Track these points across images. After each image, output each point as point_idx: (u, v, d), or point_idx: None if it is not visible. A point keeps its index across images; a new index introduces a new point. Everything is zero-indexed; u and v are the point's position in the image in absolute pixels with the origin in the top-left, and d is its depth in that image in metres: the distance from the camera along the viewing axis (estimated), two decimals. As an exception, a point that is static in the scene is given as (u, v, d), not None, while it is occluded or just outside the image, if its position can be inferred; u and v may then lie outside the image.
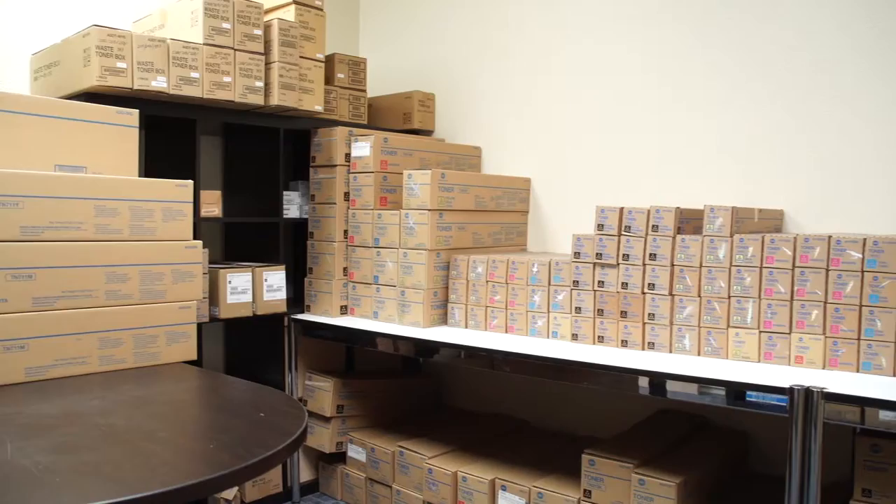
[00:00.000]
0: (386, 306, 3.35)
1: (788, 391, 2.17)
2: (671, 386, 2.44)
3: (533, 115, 3.75)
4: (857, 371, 2.41)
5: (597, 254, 2.84)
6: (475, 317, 3.20)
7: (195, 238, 2.77)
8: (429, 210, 3.19)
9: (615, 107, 3.47)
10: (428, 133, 4.09)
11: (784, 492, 2.19)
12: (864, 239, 2.39)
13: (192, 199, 2.74)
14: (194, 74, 2.95)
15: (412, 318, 3.24)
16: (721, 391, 2.34)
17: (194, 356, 2.76)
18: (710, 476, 2.84)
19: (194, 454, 1.81)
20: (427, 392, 4.08)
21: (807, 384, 2.17)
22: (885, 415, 2.07)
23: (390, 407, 3.83)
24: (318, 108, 3.43)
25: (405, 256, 3.26)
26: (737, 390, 2.30)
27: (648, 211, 2.74)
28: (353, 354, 3.95)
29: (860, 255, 2.39)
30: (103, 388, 2.30)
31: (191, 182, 2.73)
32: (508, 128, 3.85)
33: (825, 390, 2.13)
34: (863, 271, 2.39)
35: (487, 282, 3.17)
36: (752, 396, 2.26)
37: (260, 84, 3.15)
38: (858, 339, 2.41)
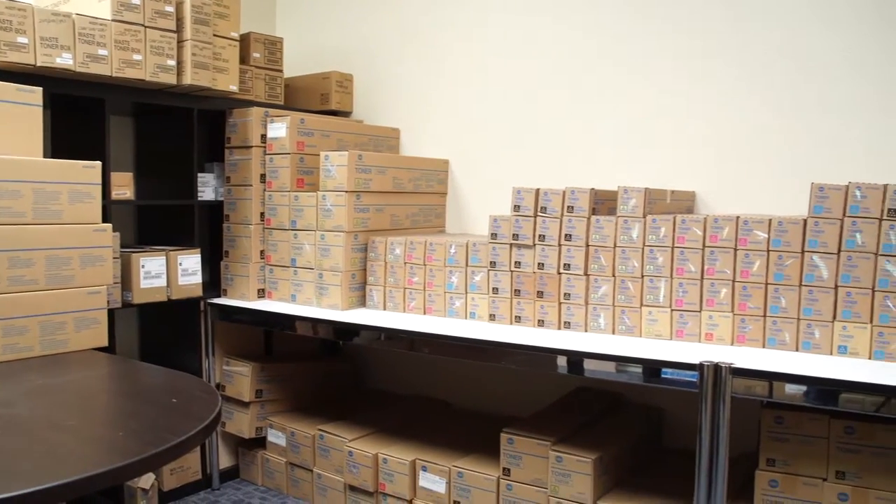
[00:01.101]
0: (304, 289, 3.32)
1: (698, 367, 2.24)
2: (589, 364, 2.49)
3: (452, 96, 3.75)
4: (764, 347, 2.50)
5: (513, 234, 2.86)
6: (393, 298, 3.19)
7: (105, 221, 2.70)
8: (346, 192, 3.16)
9: (533, 89, 3.49)
10: (346, 114, 4.05)
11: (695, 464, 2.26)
12: (770, 219, 2.47)
13: (100, 181, 2.66)
14: (102, 52, 2.85)
15: (330, 301, 3.22)
16: (638, 369, 2.39)
17: (105, 342, 2.69)
18: (625, 451, 2.91)
19: (101, 443, 1.76)
20: (347, 375, 4.07)
21: (715, 360, 2.23)
22: (788, 388, 2.15)
23: (310, 390, 3.80)
24: (233, 87, 3.36)
25: (322, 239, 3.23)
26: (652, 367, 2.36)
27: (564, 192, 2.77)
28: (271, 338, 3.90)
29: (766, 235, 2.47)
30: (5, 377, 2.22)
31: (99, 163, 2.65)
32: (427, 109, 3.84)
33: (733, 366, 2.20)
34: (768, 250, 2.47)
35: (405, 263, 3.16)
36: (668, 373, 2.32)
37: (172, 63, 3.07)
38: (764, 315, 2.49)
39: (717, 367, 2.21)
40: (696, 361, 2.26)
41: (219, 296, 3.53)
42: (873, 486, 2.25)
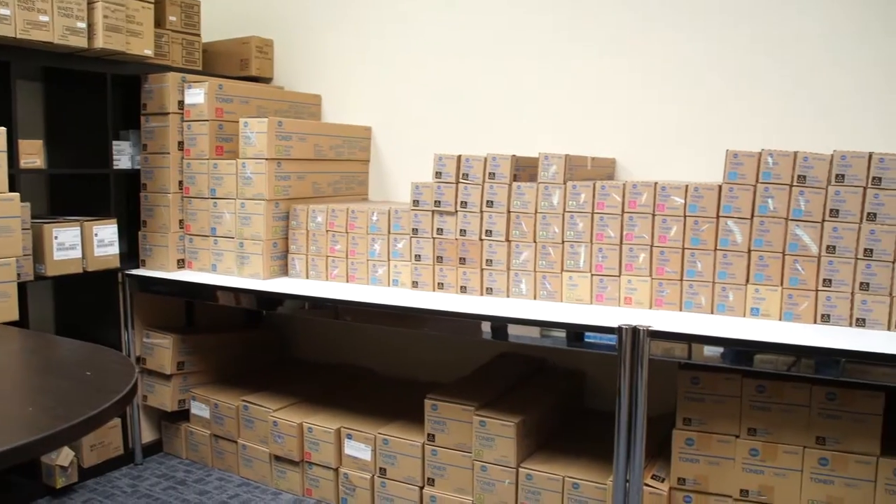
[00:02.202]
0: (224, 259, 3.26)
1: (617, 331, 2.28)
2: (513, 330, 2.51)
3: (374, 63, 3.71)
4: (681, 310, 2.56)
5: (435, 201, 2.86)
6: (316, 267, 3.17)
7: (12, 190, 2.60)
8: (266, 159, 3.10)
9: (455, 56, 3.48)
10: (266, 80, 3.96)
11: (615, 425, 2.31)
12: (687, 185, 2.52)
13: (5, 148, 2.56)
14: (4, 11, 2.72)
15: (252, 270, 3.17)
16: (561, 333, 2.42)
17: (16, 316, 2.60)
18: (547, 414, 2.96)
19: (9, 419, 1.70)
20: (271, 345, 4.03)
21: (634, 323, 2.28)
22: (704, 349, 2.21)
23: (233, 361, 3.76)
24: (148, 52, 3.25)
25: (243, 207, 3.17)
26: (575, 332, 2.39)
27: (485, 159, 2.77)
28: (193, 309, 3.83)
29: (683, 201, 2.52)
30: None
31: (3, 129, 2.54)
32: (349, 76, 3.79)
33: (650, 329, 2.25)
34: (685, 216, 2.52)
35: (328, 231, 3.13)
36: (590, 337, 2.36)
37: (82, 25, 2.95)
38: (681, 279, 2.55)
39: (635, 331, 2.26)
40: (615, 325, 2.30)
41: (137, 267, 3.45)
42: (781, 441, 2.33)
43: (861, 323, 2.33)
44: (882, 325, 2.31)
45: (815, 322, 2.39)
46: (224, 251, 3.26)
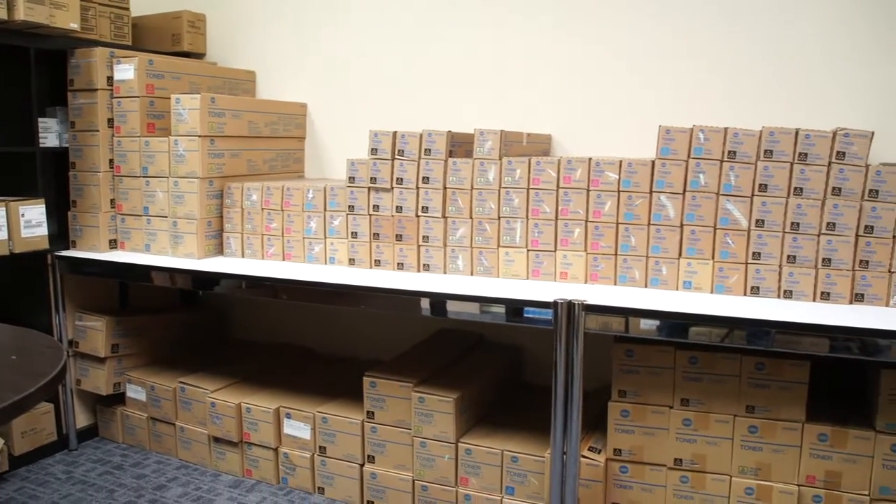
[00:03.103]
0: (158, 238, 3.20)
1: (552, 305, 2.30)
2: (452, 306, 2.51)
3: (309, 39, 3.66)
4: (615, 284, 2.59)
5: (371, 178, 2.84)
6: (251, 245, 3.12)
7: (-71, 170, 2.50)
8: (199, 136, 3.04)
9: (392, 32, 3.45)
10: (199, 56, 3.88)
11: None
12: (621, 161, 2.54)
13: (-80, 126, 2.46)
14: (-83, -16, 2.61)
15: (186, 250, 3.12)
16: (500, 309, 2.43)
17: (-63, 300, 2.52)
18: (486, 389, 2.98)
19: (-74, 405, 1.65)
20: (208, 325, 3.97)
21: (569, 298, 2.30)
22: (639, 322, 2.24)
23: (170, 343, 3.70)
24: (74, 25, 3.15)
25: (176, 185, 3.11)
26: (513, 307, 2.40)
27: (421, 135, 2.76)
28: (127, 291, 3.75)
29: (617, 176, 2.54)
30: None
31: (-83, 106, 2.44)
32: (284, 52, 3.73)
33: (585, 303, 2.27)
34: (619, 191, 2.55)
35: (263, 209, 3.09)
36: (528, 312, 2.37)
37: (1, -4, 2.85)
38: (615, 254, 2.58)
39: (570, 305, 2.28)
40: (551, 300, 2.31)
41: (67, 248, 3.36)
42: (713, 411, 2.39)
43: (788, 294, 2.39)
44: (808, 296, 2.37)
45: (745, 294, 2.44)
46: (157, 231, 3.19)
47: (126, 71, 3.17)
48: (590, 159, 2.56)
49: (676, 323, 2.21)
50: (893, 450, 2.23)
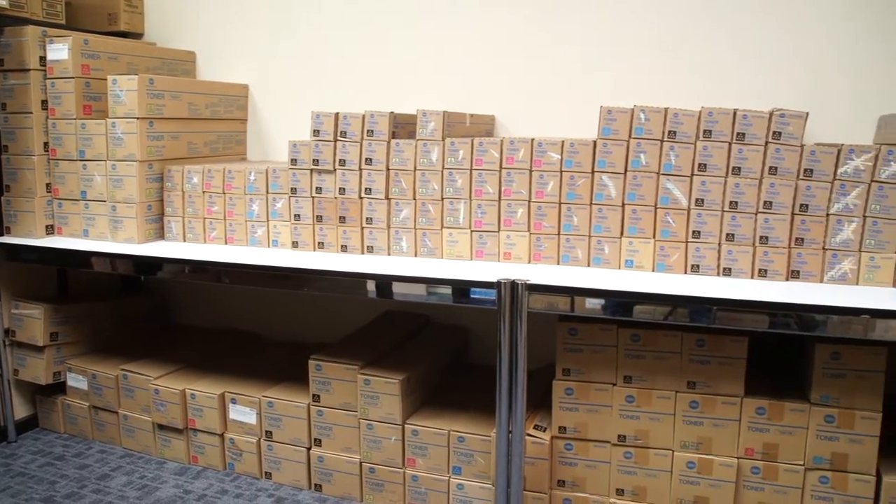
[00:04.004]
0: (97, 223, 3.13)
1: (496, 285, 2.30)
2: (398, 288, 2.50)
3: (250, 20, 3.59)
4: (558, 263, 2.61)
5: (314, 160, 2.81)
6: (193, 229, 3.07)
7: None
8: (137, 118, 2.98)
9: (333, 12, 3.41)
10: (137, 36, 3.78)
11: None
12: (563, 141, 2.55)
13: None
14: None
15: (126, 235, 3.06)
16: (445, 290, 2.42)
17: None
18: (432, 371, 2.99)
19: None
20: (150, 311, 3.91)
21: (512, 278, 2.30)
22: (582, 301, 2.26)
23: (111, 330, 3.63)
24: (3, 3, 3.05)
25: (114, 169, 3.04)
26: (457, 288, 2.40)
27: (363, 116, 2.74)
28: (66, 277, 3.66)
29: (559, 157, 2.55)
30: None
31: None
32: (225, 32, 3.66)
33: (528, 282, 2.28)
34: (561, 171, 2.56)
35: (204, 192, 3.04)
36: (473, 293, 2.37)
37: (-79, -28, 2.74)
38: (558, 234, 2.59)
39: (513, 285, 2.28)
40: (494, 280, 2.32)
41: (2, 234, 3.26)
42: (655, 387, 2.42)
43: (727, 272, 2.43)
44: (746, 273, 2.41)
45: (685, 272, 2.48)
46: (96, 215, 3.12)
47: (60, 51, 3.09)
48: (532, 140, 2.57)
49: (621, 301, 2.23)
50: (827, 421, 2.29)
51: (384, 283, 2.50)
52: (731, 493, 2.40)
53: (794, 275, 2.39)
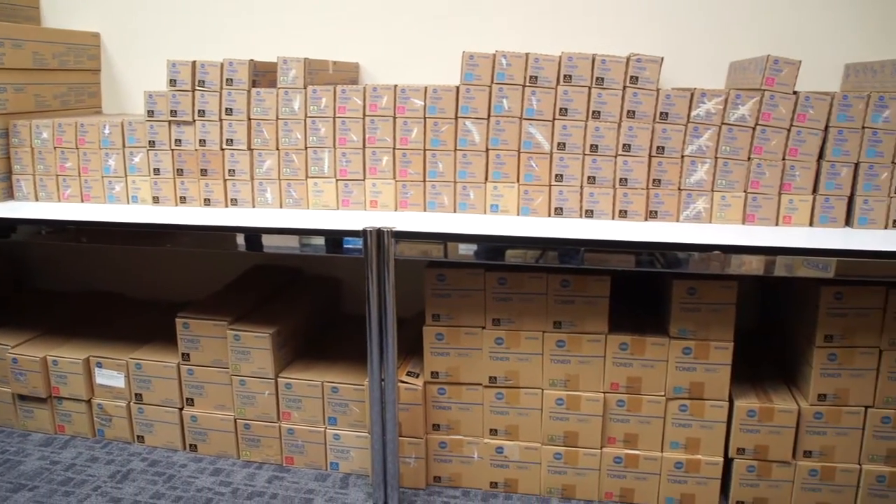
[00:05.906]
0: (-63, 184, 2.93)
1: (362, 233, 2.29)
2: (267, 240, 2.44)
3: (100, -37, 3.41)
4: (425, 210, 2.61)
5: (171, 111, 2.70)
6: (45, 187, 2.91)
7: None
8: (-25, 69, 2.79)
9: (189, -45, 3.27)
10: (-26, -18, 3.53)
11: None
12: (426, 87, 2.53)
13: None
14: None
15: (-30, 195, 2.88)
16: (318, 240, 2.38)
17: None
18: (303, 323, 2.96)
19: None
20: (4, 276, 3.70)
21: (378, 226, 2.29)
22: (458, 247, 2.27)
23: (-37, 298, 3.44)
24: None
25: (-47, 125, 2.85)
26: (327, 238, 2.35)
27: (222, 64, 2.64)
28: None
29: (422, 103, 2.54)
30: None
31: None
32: (72, -23, 3.46)
33: (394, 230, 2.28)
34: (425, 118, 2.55)
35: (55, 148, 2.88)
36: (346, 242, 2.34)
37: None
38: (424, 181, 2.59)
39: (379, 232, 2.27)
40: (360, 229, 2.30)
41: None
42: (523, 329, 2.48)
43: (590, 214, 2.49)
44: (608, 215, 2.48)
45: (549, 215, 2.53)
46: (-64, 176, 2.92)
47: None
48: (395, 86, 2.54)
49: (493, 246, 2.25)
50: (685, 353, 2.40)
51: (253, 235, 2.44)
52: (598, 426, 2.49)
53: (652, 215, 2.47)
